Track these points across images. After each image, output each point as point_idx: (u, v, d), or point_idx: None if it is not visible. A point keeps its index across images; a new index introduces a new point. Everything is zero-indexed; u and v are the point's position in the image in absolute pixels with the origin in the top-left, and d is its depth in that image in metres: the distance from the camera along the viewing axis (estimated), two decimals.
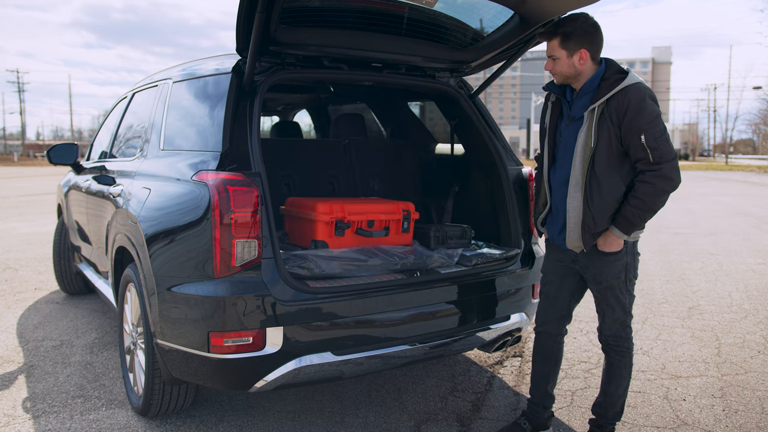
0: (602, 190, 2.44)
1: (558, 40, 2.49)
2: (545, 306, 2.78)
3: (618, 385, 2.65)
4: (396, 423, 2.99)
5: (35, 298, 5.40)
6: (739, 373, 3.62)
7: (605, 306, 2.60)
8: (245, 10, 2.46)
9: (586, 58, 2.48)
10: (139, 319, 2.97)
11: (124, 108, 4.28)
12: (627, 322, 2.61)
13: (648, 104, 2.36)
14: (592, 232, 2.48)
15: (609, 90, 2.40)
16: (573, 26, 2.47)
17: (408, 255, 3.04)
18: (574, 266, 2.65)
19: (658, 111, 2.38)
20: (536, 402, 2.81)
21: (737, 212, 12.61)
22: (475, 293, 3.04)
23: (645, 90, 2.39)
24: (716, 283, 6.00)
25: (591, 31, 2.47)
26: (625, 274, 2.55)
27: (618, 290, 2.56)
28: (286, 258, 2.75)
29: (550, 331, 2.77)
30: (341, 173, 3.98)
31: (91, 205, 4.07)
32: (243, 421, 2.99)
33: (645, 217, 2.42)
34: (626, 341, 2.62)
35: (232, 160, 2.57)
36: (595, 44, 2.49)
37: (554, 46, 2.50)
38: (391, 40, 3.12)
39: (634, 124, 2.35)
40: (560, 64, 2.51)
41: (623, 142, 2.40)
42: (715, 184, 23.31)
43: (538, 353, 2.81)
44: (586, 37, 2.47)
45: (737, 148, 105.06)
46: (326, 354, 2.54)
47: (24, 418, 3.03)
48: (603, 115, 2.41)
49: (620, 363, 2.63)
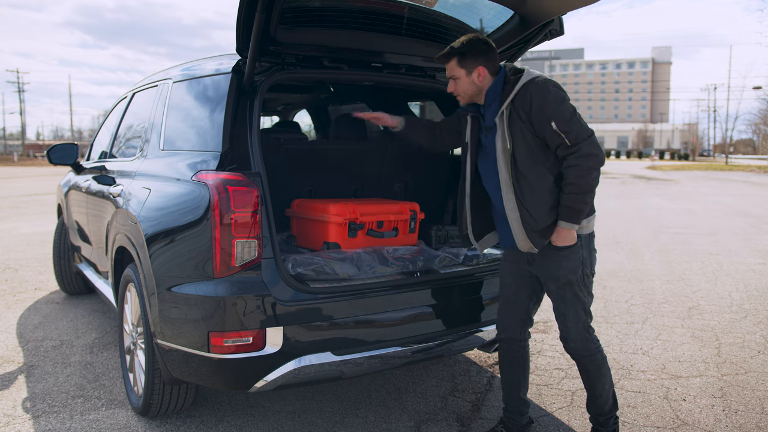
0: (531, 185, 2.47)
1: (455, 60, 2.60)
2: (505, 311, 2.76)
3: (603, 385, 2.63)
4: (396, 423, 2.99)
5: (35, 298, 5.40)
6: (739, 373, 3.62)
7: (565, 307, 2.57)
8: (245, 10, 2.46)
9: (485, 74, 2.59)
10: (139, 319, 2.97)
11: (124, 108, 4.28)
12: (588, 323, 2.59)
13: (550, 92, 2.41)
14: (536, 229, 2.49)
15: (510, 91, 2.48)
16: (468, 46, 2.58)
17: (417, 256, 3.06)
18: (530, 268, 2.65)
19: (562, 95, 2.43)
20: (511, 409, 2.80)
21: (737, 212, 12.61)
22: (475, 293, 3.04)
23: (544, 81, 2.45)
24: (716, 283, 6.01)
25: (485, 49, 2.59)
26: (581, 269, 2.54)
27: (576, 286, 2.54)
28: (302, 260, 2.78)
29: (513, 337, 2.74)
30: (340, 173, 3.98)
31: (91, 205, 4.07)
32: (243, 421, 2.99)
33: (584, 199, 2.43)
34: (592, 343, 2.59)
35: (232, 160, 2.57)
36: (491, 60, 2.60)
37: (453, 66, 2.62)
38: (391, 40, 3.12)
39: (542, 115, 2.41)
40: (461, 83, 2.62)
41: (539, 135, 2.45)
42: (715, 184, 23.31)
43: (505, 361, 2.79)
44: (481, 55, 2.58)
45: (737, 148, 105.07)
46: (326, 354, 2.54)
47: (24, 418, 3.03)
48: (512, 115, 2.48)
49: (595, 364, 2.61)
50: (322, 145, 4.08)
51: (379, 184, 3.88)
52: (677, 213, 12.38)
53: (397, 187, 3.95)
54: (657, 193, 18.17)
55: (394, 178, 3.92)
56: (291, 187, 3.53)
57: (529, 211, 2.48)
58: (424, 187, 4.02)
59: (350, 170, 3.79)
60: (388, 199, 3.62)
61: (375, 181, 3.87)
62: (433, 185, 4.04)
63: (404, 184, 3.97)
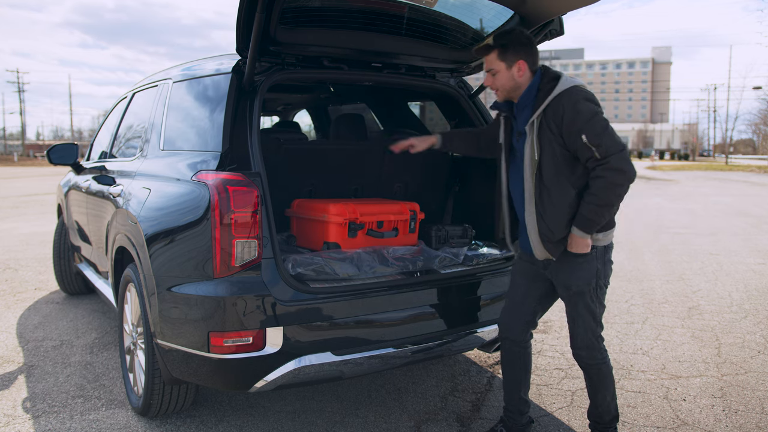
0: (552, 199, 2.45)
1: (496, 52, 2.53)
2: (510, 311, 2.74)
3: (605, 394, 2.63)
4: (396, 423, 2.99)
5: (35, 298, 5.40)
6: (739, 373, 3.62)
7: (575, 314, 2.56)
8: (245, 10, 2.46)
9: (525, 69, 2.52)
10: (139, 319, 2.97)
11: (124, 108, 4.28)
12: (597, 332, 2.57)
13: (582, 105, 2.37)
14: (552, 241, 2.47)
15: (544, 100, 2.43)
16: (509, 38, 2.52)
17: (417, 256, 3.05)
18: (544, 271, 2.63)
19: (595, 109, 2.38)
20: (511, 409, 2.79)
21: (737, 212, 12.61)
22: (475, 293, 3.04)
23: (578, 92, 2.40)
24: (716, 283, 6.01)
25: (526, 42, 2.53)
26: (595, 281, 2.51)
27: (588, 297, 2.52)
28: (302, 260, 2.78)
29: (514, 338, 2.73)
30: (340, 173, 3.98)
31: (91, 205, 4.07)
32: (243, 421, 2.99)
33: (602, 213, 2.38)
34: (599, 352, 2.58)
35: (232, 160, 2.57)
36: (532, 55, 2.55)
37: (492, 59, 2.55)
38: (391, 40, 3.12)
39: (573, 128, 2.36)
40: (500, 78, 2.55)
41: (569, 148, 2.41)
42: (715, 184, 23.31)
43: (507, 361, 2.78)
44: (522, 48, 2.52)
45: (737, 148, 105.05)
46: (326, 354, 2.54)
47: (24, 418, 3.03)
48: (542, 126, 2.43)
49: (600, 374, 2.60)
50: (322, 145, 4.08)
51: (379, 184, 3.88)
52: (677, 213, 12.38)
53: (397, 187, 3.95)
54: (657, 193, 18.17)
55: (394, 178, 3.91)
56: (291, 187, 3.53)
57: (548, 224, 2.46)
58: (424, 187, 4.02)
59: (350, 170, 3.79)
60: (388, 199, 3.61)
61: (375, 181, 3.87)
62: (433, 185, 4.04)
63: (404, 184, 3.97)
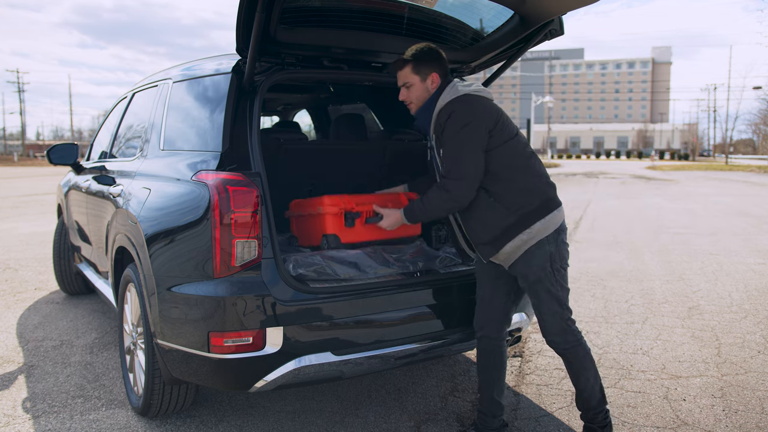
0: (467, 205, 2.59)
1: (410, 66, 2.66)
2: (481, 310, 2.77)
3: (587, 378, 2.63)
4: (396, 423, 2.99)
5: (35, 298, 5.41)
6: (739, 373, 3.62)
7: (539, 302, 2.58)
8: (245, 10, 2.46)
9: (437, 80, 2.65)
10: (139, 319, 2.97)
11: (124, 108, 4.28)
12: (565, 315, 2.58)
13: (450, 123, 2.51)
14: (483, 242, 2.58)
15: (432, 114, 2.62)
16: (423, 53, 2.64)
17: (417, 256, 3.05)
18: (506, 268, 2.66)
19: (459, 128, 2.49)
20: (484, 411, 2.78)
21: (737, 212, 12.61)
22: (475, 293, 3.04)
23: (452, 105, 2.53)
24: (716, 283, 6.01)
25: (437, 55, 2.66)
26: (550, 264, 2.54)
27: (548, 282, 2.54)
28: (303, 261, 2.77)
29: (489, 335, 2.74)
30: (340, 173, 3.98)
31: (91, 205, 4.07)
32: (243, 421, 2.99)
33: (425, 214, 2.64)
34: (572, 334, 2.60)
35: (232, 160, 2.57)
36: (443, 67, 2.67)
37: (407, 73, 2.68)
38: (391, 40, 3.12)
39: (441, 140, 2.57)
40: (414, 90, 2.69)
41: None
42: (715, 184, 23.32)
43: (481, 360, 2.79)
44: (435, 61, 2.64)
45: (737, 148, 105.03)
46: (326, 354, 2.54)
47: (24, 418, 3.03)
48: (437, 138, 2.61)
49: (577, 357, 2.61)
50: (322, 145, 4.08)
51: (379, 184, 3.88)
52: (677, 213, 12.38)
53: None
54: (657, 193, 18.17)
55: (394, 178, 3.91)
56: (291, 187, 3.53)
57: (472, 228, 2.59)
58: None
59: (350, 170, 3.79)
60: None
61: (375, 181, 3.87)
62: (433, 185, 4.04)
63: None
